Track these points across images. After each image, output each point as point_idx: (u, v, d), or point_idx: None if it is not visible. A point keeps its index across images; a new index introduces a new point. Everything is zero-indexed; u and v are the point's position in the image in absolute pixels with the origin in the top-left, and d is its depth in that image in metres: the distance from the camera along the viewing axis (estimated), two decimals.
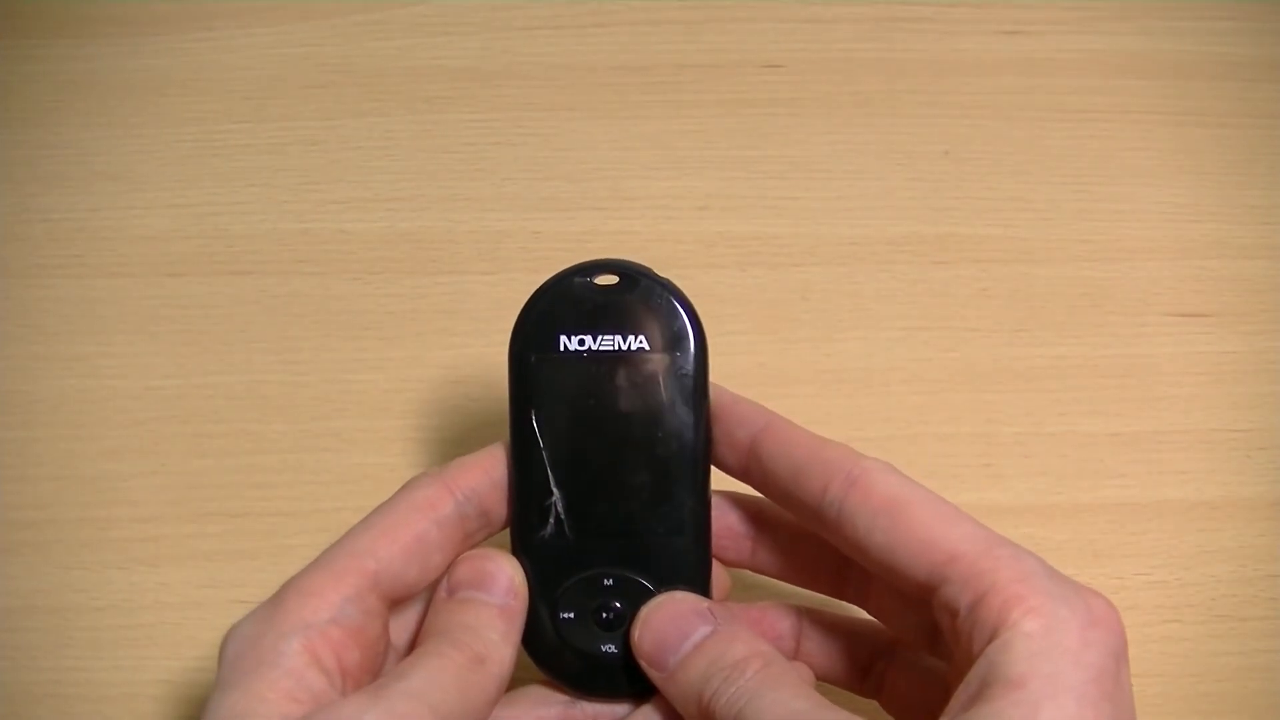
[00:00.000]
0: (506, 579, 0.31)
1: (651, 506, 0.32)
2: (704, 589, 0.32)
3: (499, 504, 0.32)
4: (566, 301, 0.32)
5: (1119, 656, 0.26)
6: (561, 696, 0.32)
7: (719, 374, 0.39)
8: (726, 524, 0.34)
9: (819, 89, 0.48)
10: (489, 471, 0.32)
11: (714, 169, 0.47)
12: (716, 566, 0.33)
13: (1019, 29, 0.50)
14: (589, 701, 0.32)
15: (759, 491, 0.32)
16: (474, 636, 0.29)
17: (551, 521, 0.32)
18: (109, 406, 0.42)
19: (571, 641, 0.32)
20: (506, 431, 0.32)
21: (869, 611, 0.32)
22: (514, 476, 0.32)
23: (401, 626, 0.32)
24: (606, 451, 0.32)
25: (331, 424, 0.42)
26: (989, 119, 0.48)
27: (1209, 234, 0.46)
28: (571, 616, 0.32)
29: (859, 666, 0.33)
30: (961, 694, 0.26)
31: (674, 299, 0.32)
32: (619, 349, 0.32)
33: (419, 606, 0.32)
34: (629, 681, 0.32)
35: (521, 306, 0.32)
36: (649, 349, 0.32)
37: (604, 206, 0.46)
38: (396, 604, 0.31)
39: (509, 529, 0.32)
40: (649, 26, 0.49)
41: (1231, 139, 0.48)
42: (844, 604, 0.34)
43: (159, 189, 0.46)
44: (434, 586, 0.31)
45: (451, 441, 0.42)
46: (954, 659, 0.29)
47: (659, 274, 0.33)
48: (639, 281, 0.32)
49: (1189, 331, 0.44)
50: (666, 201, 0.46)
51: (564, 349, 0.32)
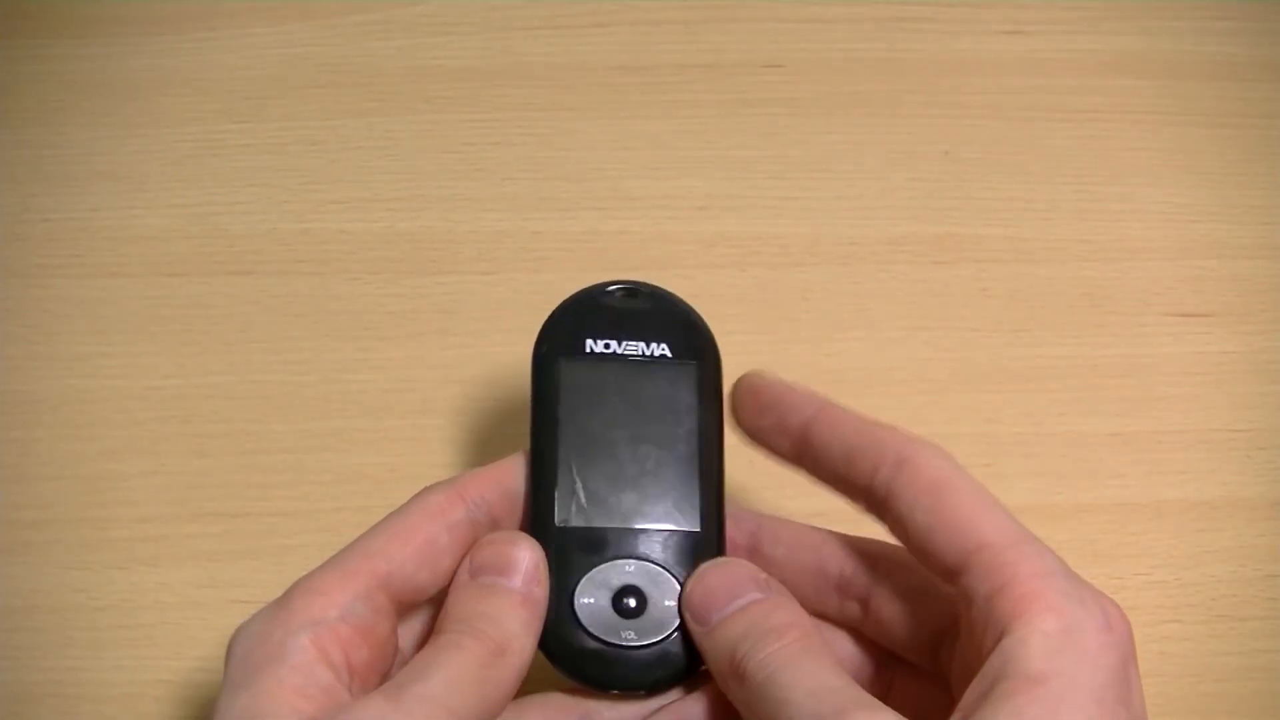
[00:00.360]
0: (530, 564, 0.30)
1: (670, 501, 0.33)
2: None
3: (509, 513, 0.32)
4: (592, 311, 0.34)
5: (1131, 663, 0.27)
6: (577, 707, 0.32)
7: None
8: (728, 535, 0.34)
9: (819, 89, 0.48)
10: (501, 482, 0.32)
11: (714, 169, 0.47)
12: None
13: (1019, 29, 0.50)
14: (600, 696, 0.32)
15: (810, 475, 0.32)
16: (495, 626, 0.29)
17: (574, 509, 0.32)
18: (109, 406, 0.42)
19: (591, 629, 0.31)
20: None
21: (866, 631, 0.32)
22: (536, 468, 0.32)
23: (408, 633, 0.32)
24: (628, 447, 0.33)
25: (331, 424, 0.42)
26: (989, 119, 0.48)
27: (1209, 234, 0.46)
28: (592, 601, 0.31)
29: (865, 674, 0.33)
30: (976, 687, 0.26)
31: (690, 314, 0.35)
32: (642, 355, 0.34)
33: (426, 615, 0.32)
34: (646, 671, 0.31)
35: (548, 314, 0.34)
36: (670, 356, 0.34)
37: (604, 206, 0.46)
38: (405, 607, 0.31)
39: (528, 520, 0.32)
40: (649, 26, 0.49)
41: (1231, 139, 0.48)
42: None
43: (159, 189, 0.46)
44: (441, 596, 0.31)
45: (452, 442, 0.42)
46: (958, 658, 0.29)
47: (675, 294, 0.35)
48: (658, 298, 0.35)
49: (1189, 331, 0.44)
50: (666, 201, 0.46)
51: (590, 351, 0.33)
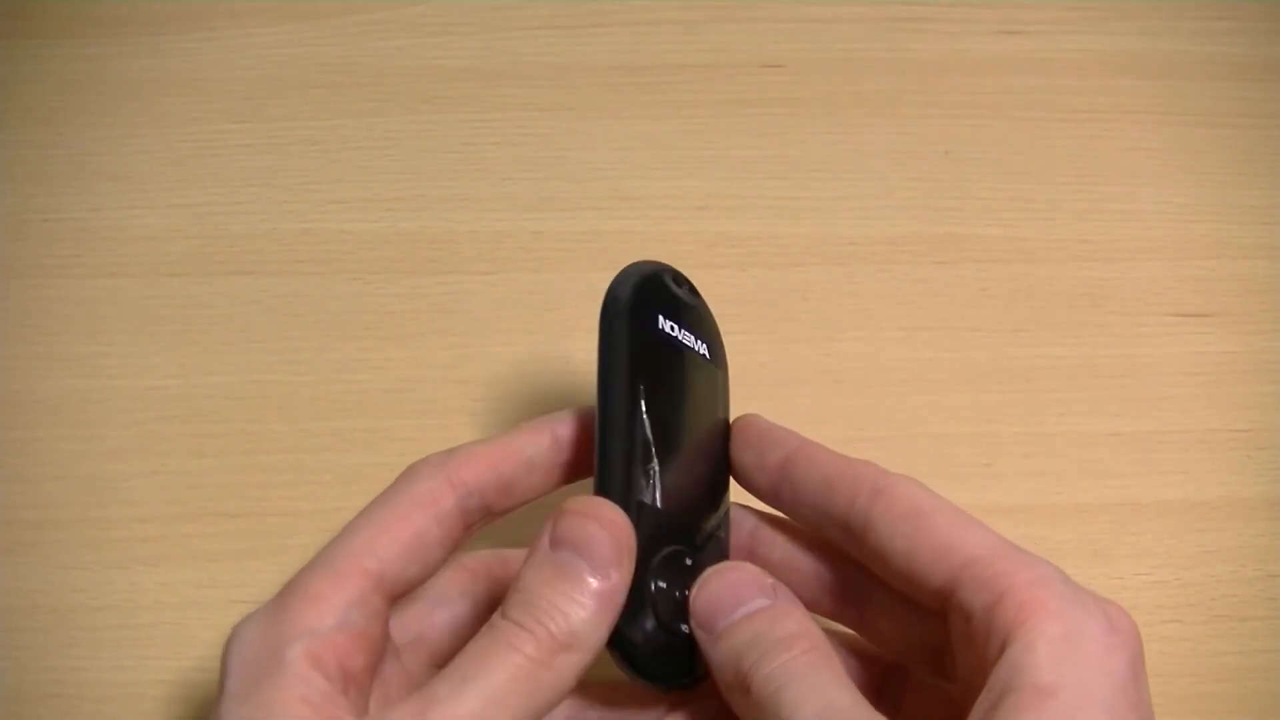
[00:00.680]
0: (615, 548, 0.28)
1: (709, 498, 0.33)
2: None
3: (502, 497, 0.32)
4: (660, 292, 0.33)
5: (1139, 665, 0.26)
6: (569, 699, 0.30)
7: None
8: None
9: (819, 89, 0.48)
10: (496, 466, 0.31)
11: (714, 169, 0.47)
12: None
13: (1019, 29, 0.50)
14: (642, 683, 0.30)
15: (787, 512, 0.32)
16: (561, 618, 0.27)
17: (650, 487, 0.30)
18: (109, 406, 0.42)
19: (659, 614, 0.30)
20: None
21: (864, 635, 0.32)
22: (611, 434, 0.30)
23: (400, 626, 0.32)
24: (684, 435, 0.32)
25: (331, 424, 0.42)
26: (989, 119, 0.48)
27: (1209, 234, 0.46)
28: (664, 586, 0.30)
29: (871, 688, 0.32)
30: (984, 700, 0.26)
31: (715, 322, 0.35)
32: (692, 347, 0.33)
33: (419, 604, 0.32)
34: (689, 670, 0.30)
35: (618, 284, 0.32)
36: (707, 358, 0.34)
37: (604, 206, 0.46)
38: (398, 600, 0.31)
39: (600, 487, 0.30)
40: (649, 26, 0.49)
41: (1231, 139, 0.48)
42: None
43: (159, 189, 0.46)
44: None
45: (452, 442, 0.42)
46: (961, 671, 0.28)
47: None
48: (699, 296, 0.35)
49: (1189, 331, 0.44)
50: (666, 201, 0.46)
51: (661, 329, 0.32)
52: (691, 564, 0.31)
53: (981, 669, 0.27)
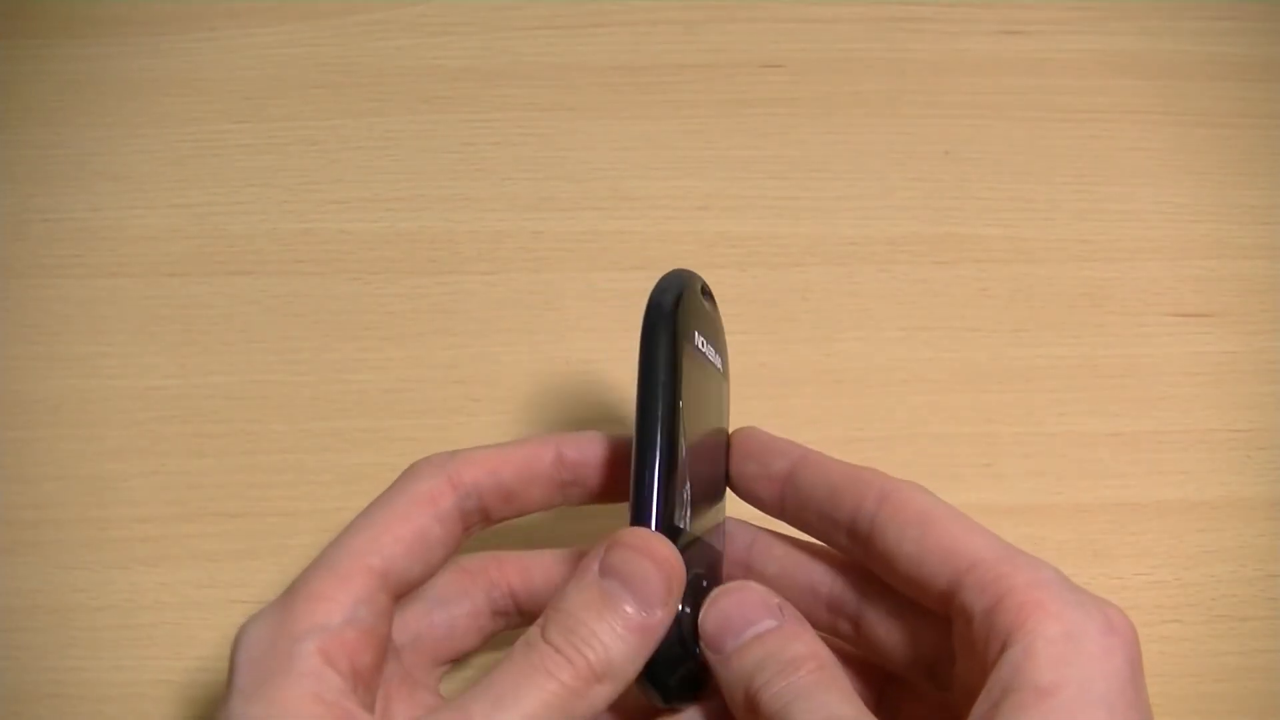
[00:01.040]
0: (665, 588, 0.28)
1: (715, 514, 0.32)
2: None
3: (500, 504, 0.32)
4: (697, 307, 0.32)
5: (1137, 665, 0.27)
6: None
7: None
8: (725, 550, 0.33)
9: (819, 89, 0.48)
10: (495, 472, 0.32)
11: (714, 169, 0.47)
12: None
13: (1019, 29, 0.50)
14: (650, 696, 0.29)
15: (792, 521, 0.32)
16: (600, 649, 0.27)
17: (684, 510, 0.30)
18: (109, 406, 0.42)
19: (683, 638, 0.29)
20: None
21: (861, 648, 0.32)
22: (655, 463, 0.29)
23: (398, 626, 0.31)
24: (704, 452, 0.32)
25: (331, 424, 0.42)
26: (989, 119, 0.48)
27: (1209, 234, 0.46)
28: (688, 611, 0.30)
29: (870, 695, 0.32)
30: (985, 700, 0.26)
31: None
32: (713, 361, 0.33)
33: (418, 604, 0.32)
34: (695, 685, 0.30)
35: (662, 297, 0.31)
36: (719, 369, 0.34)
37: (604, 206, 0.46)
38: (400, 599, 0.31)
39: (641, 511, 0.29)
40: (649, 26, 0.49)
41: (1231, 139, 0.48)
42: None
43: (159, 189, 0.46)
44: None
45: (452, 442, 0.42)
46: (961, 675, 0.28)
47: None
48: (718, 312, 0.34)
49: (1189, 331, 0.44)
50: (666, 201, 0.46)
51: (697, 345, 0.32)
52: (707, 584, 0.31)
53: (982, 671, 0.27)
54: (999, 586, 0.27)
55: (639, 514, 0.29)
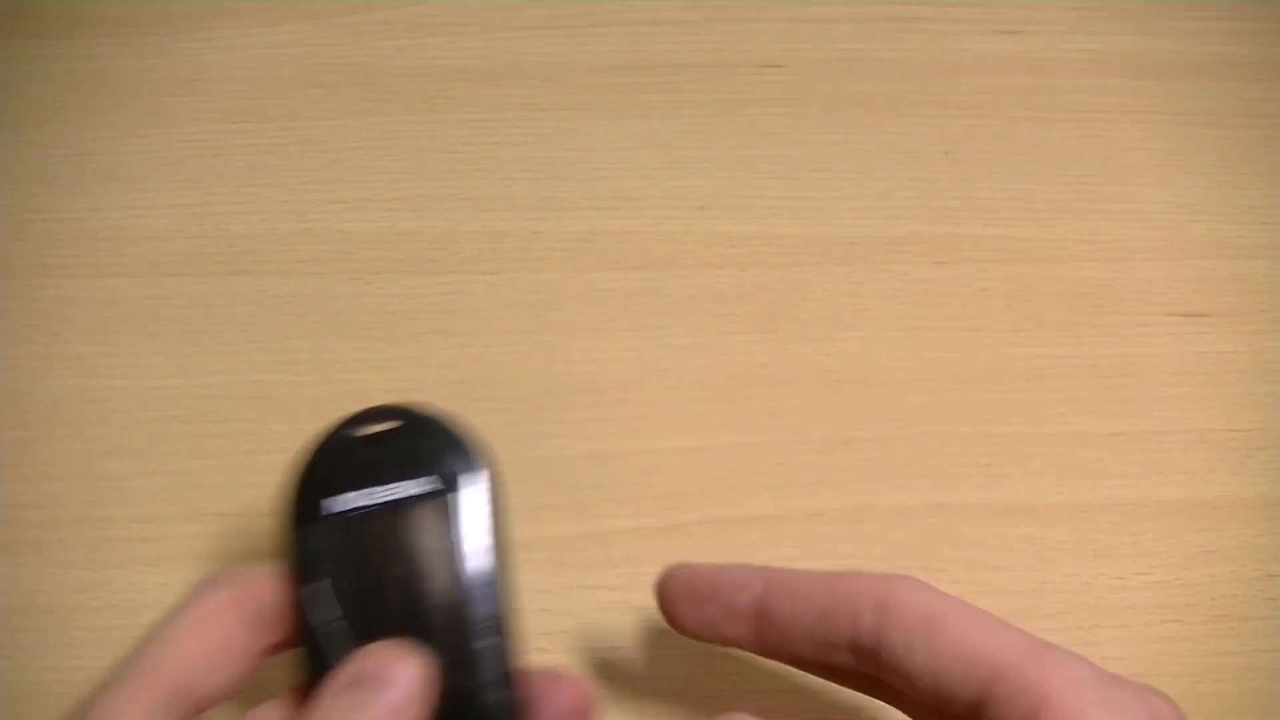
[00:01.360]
0: (409, 683, 0.27)
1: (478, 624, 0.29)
2: None
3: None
4: (335, 462, 0.31)
5: None
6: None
7: (721, 377, 0.39)
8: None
9: (819, 89, 0.48)
10: (279, 591, 0.30)
11: (714, 169, 0.47)
12: (576, 683, 0.30)
13: (1019, 29, 0.50)
14: None
15: (777, 656, 0.30)
16: None
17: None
18: (109, 406, 0.42)
19: None
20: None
21: (906, 713, 0.30)
22: (302, 639, 0.29)
23: None
24: (407, 609, 0.29)
25: None
26: (989, 119, 0.48)
27: (1209, 234, 0.46)
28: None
29: None
30: None
31: (453, 433, 0.31)
32: (400, 498, 0.30)
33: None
34: None
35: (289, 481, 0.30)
36: (431, 490, 0.30)
37: (604, 206, 0.46)
38: (202, 712, 0.28)
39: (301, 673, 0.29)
40: (649, 27, 0.49)
41: (1231, 139, 0.48)
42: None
43: (159, 189, 0.46)
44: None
45: None
46: None
47: (429, 409, 0.31)
48: (414, 423, 0.31)
49: (1189, 331, 0.44)
50: (666, 201, 0.46)
51: (333, 513, 0.30)
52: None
53: None
54: (1032, 697, 0.25)
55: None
